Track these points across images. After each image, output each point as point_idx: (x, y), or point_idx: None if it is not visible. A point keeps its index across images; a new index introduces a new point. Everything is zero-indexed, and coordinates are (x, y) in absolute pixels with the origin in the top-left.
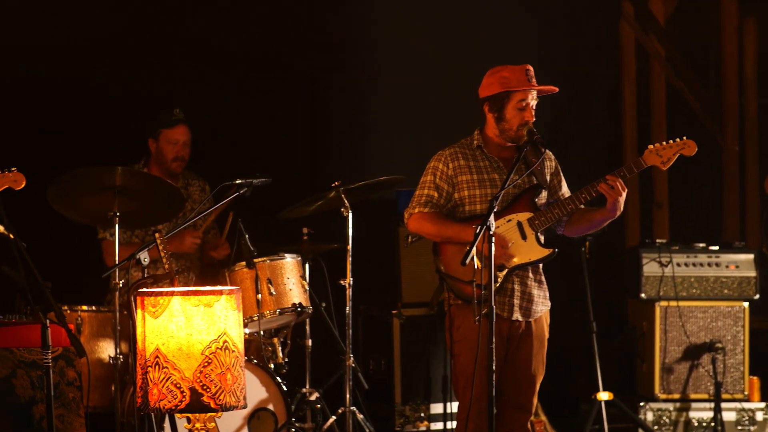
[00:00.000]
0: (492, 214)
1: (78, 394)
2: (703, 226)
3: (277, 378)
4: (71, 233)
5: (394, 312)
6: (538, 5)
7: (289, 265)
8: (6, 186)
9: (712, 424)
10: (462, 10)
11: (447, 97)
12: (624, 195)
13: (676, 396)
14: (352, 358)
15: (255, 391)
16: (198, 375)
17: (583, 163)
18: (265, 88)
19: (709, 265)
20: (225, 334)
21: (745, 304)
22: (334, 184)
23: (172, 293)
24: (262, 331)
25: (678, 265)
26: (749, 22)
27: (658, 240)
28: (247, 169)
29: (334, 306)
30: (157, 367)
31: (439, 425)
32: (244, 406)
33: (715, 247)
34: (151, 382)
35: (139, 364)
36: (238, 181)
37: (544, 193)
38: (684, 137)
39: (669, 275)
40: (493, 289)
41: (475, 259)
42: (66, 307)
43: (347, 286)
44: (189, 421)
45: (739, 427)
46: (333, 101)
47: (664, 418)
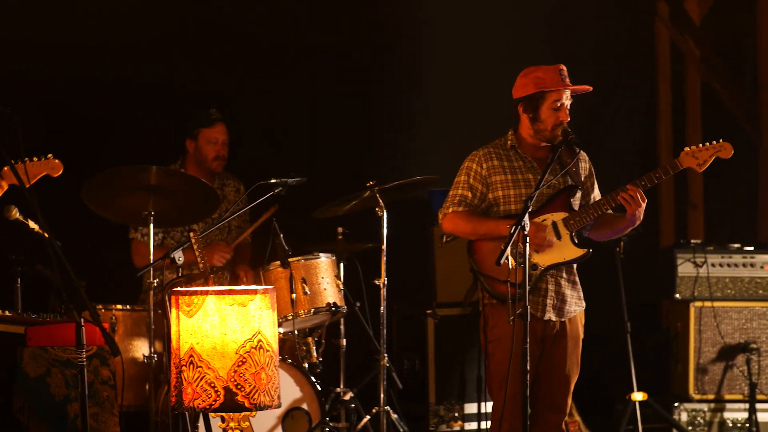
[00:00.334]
0: (527, 214)
1: (112, 392)
2: (738, 227)
3: (311, 377)
4: (106, 232)
5: (429, 312)
6: (573, 6)
7: (323, 264)
8: (44, 173)
9: (747, 425)
10: (498, 12)
11: (482, 97)
12: (643, 206)
13: (711, 396)
14: (386, 358)
15: (289, 390)
16: (232, 374)
17: (618, 165)
18: (302, 88)
19: (743, 265)
20: (259, 333)
21: None
22: (369, 184)
23: (206, 292)
24: (296, 331)
25: (713, 265)
26: None
27: (692, 240)
28: (283, 169)
29: (369, 305)
30: (191, 366)
31: (473, 425)
32: (278, 406)
33: (750, 248)
34: (185, 381)
35: (174, 363)
36: (273, 181)
37: (579, 194)
38: (720, 140)
39: (704, 276)
40: (527, 289)
41: (510, 258)
42: (100, 306)
43: (382, 285)
44: (223, 420)
45: None
46: (370, 101)
47: (699, 418)
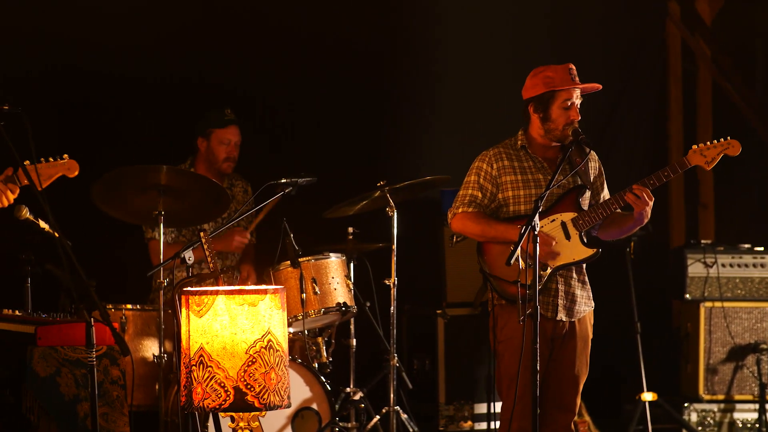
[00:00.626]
0: (537, 214)
1: (122, 392)
2: (748, 227)
3: (321, 377)
4: (116, 232)
5: (439, 312)
6: (584, 6)
7: (333, 264)
8: (60, 174)
9: (757, 425)
10: (509, 11)
11: (493, 96)
12: (651, 204)
13: (721, 397)
14: (396, 358)
15: (299, 390)
16: (242, 374)
17: (628, 164)
18: (313, 88)
19: (754, 266)
20: (269, 333)
21: None
22: (379, 184)
23: (216, 292)
24: (306, 331)
25: (723, 265)
26: None
27: (703, 241)
28: (293, 169)
29: (379, 305)
30: (201, 366)
31: (483, 425)
32: (288, 406)
33: (761, 248)
34: (195, 380)
35: (184, 363)
36: (283, 180)
37: (588, 194)
38: (728, 137)
39: (714, 276)
40: (537, 289)
41: (520, 259)
42: (110, 306)
43: (392, 285)
44: (233, 420)
45: None
46: (380, 101)
47: (708, 419)
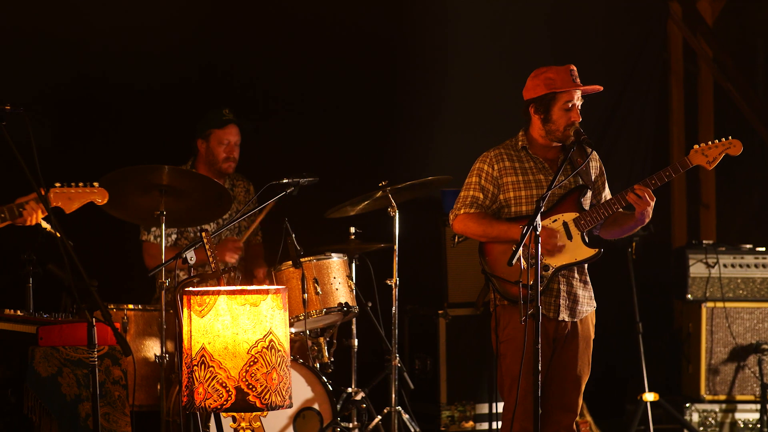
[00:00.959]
0: (539, 215)
1: (124, 392)
2: (750, 227)
3: (323, 377)
4: (118, 232)
5: (440, 312)
6: (586, 7)
7: (335, 264)
8: (89, 200)
9: (759, 426)
10: (511, 13)
11: (495, 96)
12: (652, 204)
13: (722, 397)
14: (397, 358)
15: (300, 390)
16: (244, 374)
17: (630, 165)
18: (315, 89)
19: (755, 266)
20: (271, 333)
21: None
22: (381, 184)
23: (218, 292)
24: (308, 331)
25: (724, 266)
26: None
27: (704, 241)
28: (294, 169)
29: (381, 305)
30: (203, 366)
31: (485, 425)
32: (290, 406)
33: (762, 248)
34: (196, 380)
35: (185, 363)
36: (285, 180)
37: (590, 194)
38: (729, 137)
39: (715, 276)
40: (539, 290)
41: (522, 259)
42: (112, 306)
43: (393, 285)
44: (234, 420)
45: None
46: (382, 101)
47: (710, 419)
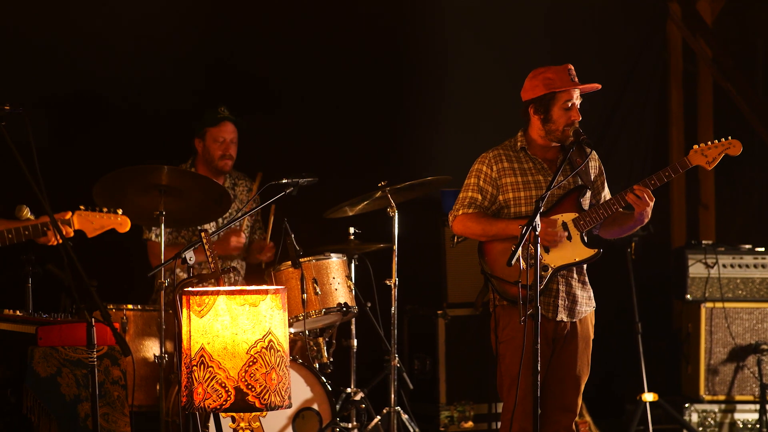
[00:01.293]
0: (538, 215)
1: (123, 392)
2: (749, 228)
3: (322, 378)
4: (117, 232)
5: (440, 312)
6: (585, 7)
7: (334, 264)
8: (111, 227)
9: (758, 426)
10: (510, 13)
11: (495, 97)
12: (651, 204)
13: (722, 397)
14: (397, 358)
15: (300, 390)
16: (243, 374)
17: (629, 164)
18: (314, 89)
19: (755, 266)
20: (270, 333)
21: None
22: (380, 184)
23: (217, 292)
24: (307, 331)
25: (724, 266)
26: None
27: (704, 241)
28: (294, 169)
29: (380, 306)
30: (202, 366)
31: (484, 426)
32: (289, 406)
33: (762, 249)
34: (196, 381)
35: (184, 363)
36: (284, 181)
37: (589, 194)
38: (729, 137)
39: (715, 276)
40: (538, 290)
41: (521, 259)
42: (111, 306)
43: (393, 285)
44: (233, 420)
45: None
46: (381, 102)
47: (709, 419)
